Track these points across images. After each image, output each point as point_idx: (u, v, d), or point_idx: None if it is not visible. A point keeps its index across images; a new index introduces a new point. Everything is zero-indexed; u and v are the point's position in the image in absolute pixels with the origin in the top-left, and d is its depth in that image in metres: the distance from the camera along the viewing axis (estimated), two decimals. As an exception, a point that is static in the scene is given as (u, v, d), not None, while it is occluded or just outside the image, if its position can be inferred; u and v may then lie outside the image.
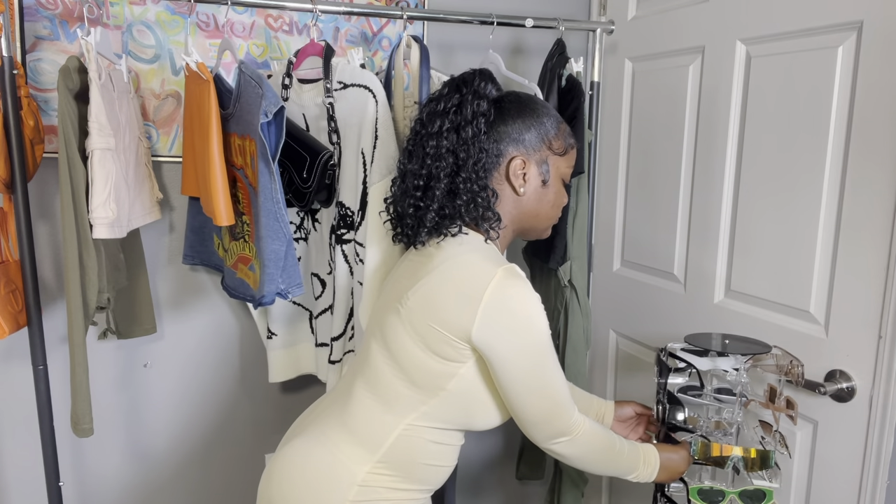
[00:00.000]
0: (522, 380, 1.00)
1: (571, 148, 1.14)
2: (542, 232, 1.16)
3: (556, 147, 1.11)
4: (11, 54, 1.24)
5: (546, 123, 1.11)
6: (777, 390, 1.19)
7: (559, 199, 1.14)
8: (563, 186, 1.14)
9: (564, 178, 1.14)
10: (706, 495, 1.20)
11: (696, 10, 1.55)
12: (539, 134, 1.10)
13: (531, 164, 1.09)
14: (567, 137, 1.13)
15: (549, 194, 1.12)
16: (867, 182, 1.20)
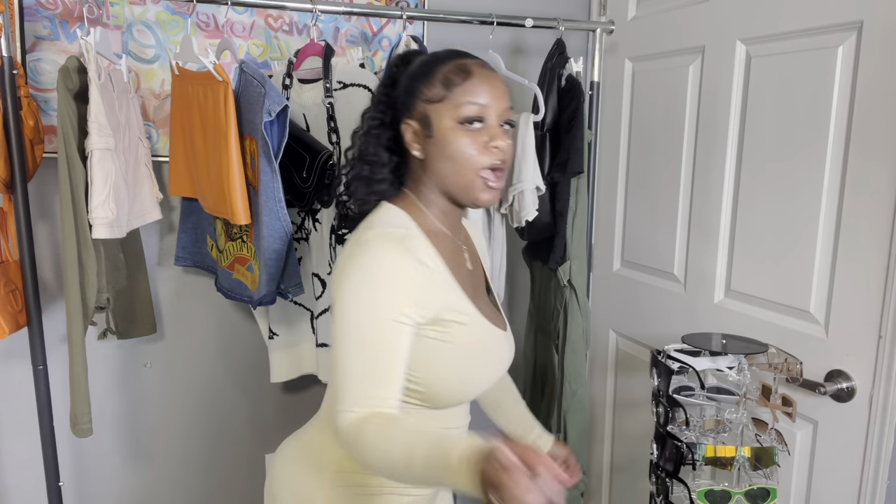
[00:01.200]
0: (335, 331, 0.90)
1: (452, 87, 0.95)
2: (468, 191, 0.96)
3: (429, 95, 0.96)
4: (11, 54, 1.24)
5: (416, 74, 0.99)
6: (771, 388, 1.18)
7: (459, 150, 0.94)
8: (461, 133, 0.94)
9: (456, 122, 0.94)
10: (713, 497, 1.20)
11: (696, 10, 1.55)
12: (410, 89, 0.99)
13: (412, 123, 0.98)
14: (444, 79, 0.96)
15: (444, 149, 0.95)
16: (867, 182, 1.20)
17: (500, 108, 0.96)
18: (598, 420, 1.98)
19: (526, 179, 1.50)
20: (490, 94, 0.95)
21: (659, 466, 1.26)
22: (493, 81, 0.97)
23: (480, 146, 0.94)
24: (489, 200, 0.98)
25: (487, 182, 0.96)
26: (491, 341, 1.02)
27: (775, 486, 1.19)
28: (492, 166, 0.95)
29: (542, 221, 1.59)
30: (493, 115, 0.95)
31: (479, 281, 1.09)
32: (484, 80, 0.96)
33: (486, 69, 0.99)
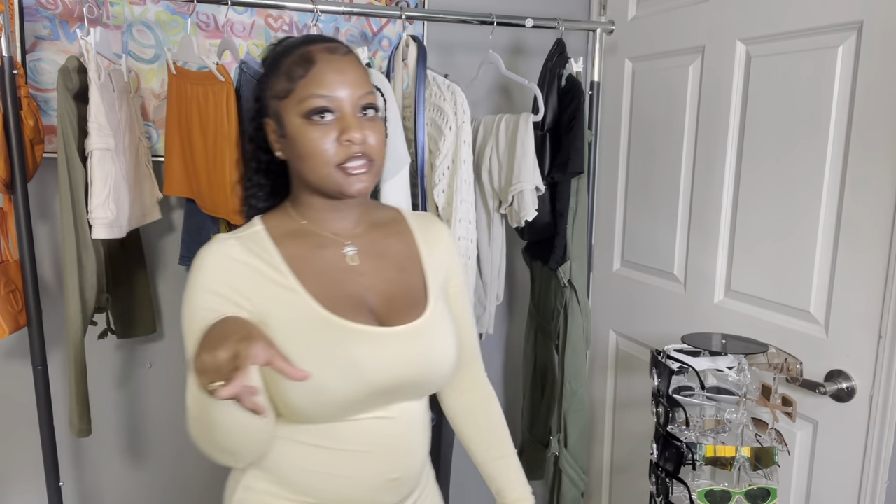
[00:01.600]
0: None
1: (296, 80, 0.88)
2: (332, 186, 0.90)
3: (277, 91, 0.90)
4: (11, 54, 1.24)
5: (267, 70, 0.94)
6: (771, 388, 1.18)
7: (309, 147, 0.88)
8: (309, 128, 0.87)
9: (302, 117, 0.88)
10: (713, 497, 1.20)
11: (696, 10, 1.55)
12: (262, 87, 0.94)
13: (270, 122, 0.93)
14: (287, 72, 0.89)
15: (295, 147, 0.89)
16: (867, 182, 1.20)
17: (355, 95, 0.89)
18: (598, 420, 1.98)
19: (526, 179, 1.50)
20: (338, 81, 0.88)
21: (659, 466, 1.26)
22: (342, 67, 0.89)
23: (332, 140, 0.87)
24: (360, 190, 0.90)
25: (349, 172, 0.88)
26: (343, 342, 0.89)
27: (775, 486, 1.19)
28: (346, 160, 0.88)
29: (543, 221, 1.59)
30: (346, 104, 0.88)
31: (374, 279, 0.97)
32: (329, 67, 0.88)
33: (334, 54, 0.90)
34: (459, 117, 1.38)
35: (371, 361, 0.90)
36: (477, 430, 1.17)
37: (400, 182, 1.31)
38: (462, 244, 1.41)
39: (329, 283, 0.93)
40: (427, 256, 1.04)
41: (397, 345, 0.93)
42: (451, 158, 1.40)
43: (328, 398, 0.88)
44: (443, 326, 1.00)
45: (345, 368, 0.89)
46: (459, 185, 1.39)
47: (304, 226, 0.97)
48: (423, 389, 0.99)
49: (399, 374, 0.93)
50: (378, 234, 1.02)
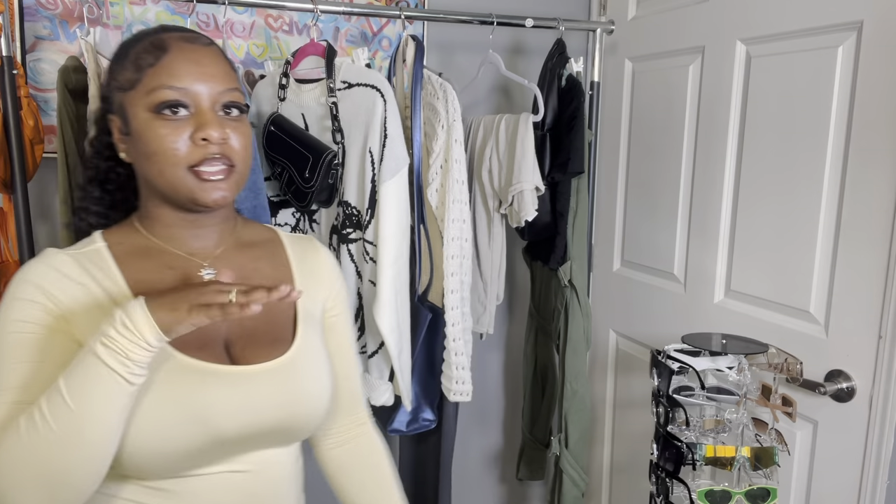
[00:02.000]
0: None
1: (144, 69, 0.77)
2: (182, 193, 0.78)
3: (121, 81, 0.79)
4: (11, 54, 1.24)
5: (113, 60, 0.82)
6: (771, 388, 1.18)
7: (155, 145, 0.76)
8: (158, 124, 0.76)
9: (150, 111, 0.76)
10: (713, 497, 1.19)
11: (696, 10, 1.55)
12: (108, 76, 0.82)
13: (115, 119, 0.82)
14: (135, 60, 0.78)
15: (141, 146, 0.77)
16: (867, 182, 1.20)
17: (214, 90, 0.78)
18: (598, 420, 1.98)
19: (526, 179, 1.50)
20: (195, 73, 0.77)
21: (659, 466, 1.26)
22: (200, 57, 0.78)
23: (185, 139, 0.76)
24: (217, 200, 0.78)
25: (203, 177, 0.76)
26: (188, 385, 0.76)
27: (775, 486, 1.19)
28: (199, 162, 0.76)
29: (543, 221, 1.59)
30: (203, 99, 0.77)
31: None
32: (185, 57, 0.77)
33: (191, 43, 0.79)
34: (451, 115, 1.37)
35: (220, 407, 0.77)
36: (360, 488, 1.00)
37: (399, 183, 1.31)
38: (455, 244, 1.40)
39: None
40: (302, 283, 0.92)
41: (254, 387, 0.80)
42: (443, 158, 1.40)
43: (169, 449, 0.75)
44: (314, 364, 0.87)
45: (189, 415, 0.75)
46: (451, 185, 1.39)
47: (154, 244, 0.84)
48: (288, 437, 0.86)
49: (255, 422, 0.80)
50: (245, 256, 0.89)
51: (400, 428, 1.49)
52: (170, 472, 0.77)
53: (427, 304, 1.42)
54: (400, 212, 1.32)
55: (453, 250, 1.40)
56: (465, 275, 1.44)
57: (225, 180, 0.78)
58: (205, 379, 0.78)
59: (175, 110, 0.76)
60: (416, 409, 1.51)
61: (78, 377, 0.68)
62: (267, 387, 0.82)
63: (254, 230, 0.94)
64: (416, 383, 1.49)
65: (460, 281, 1.42)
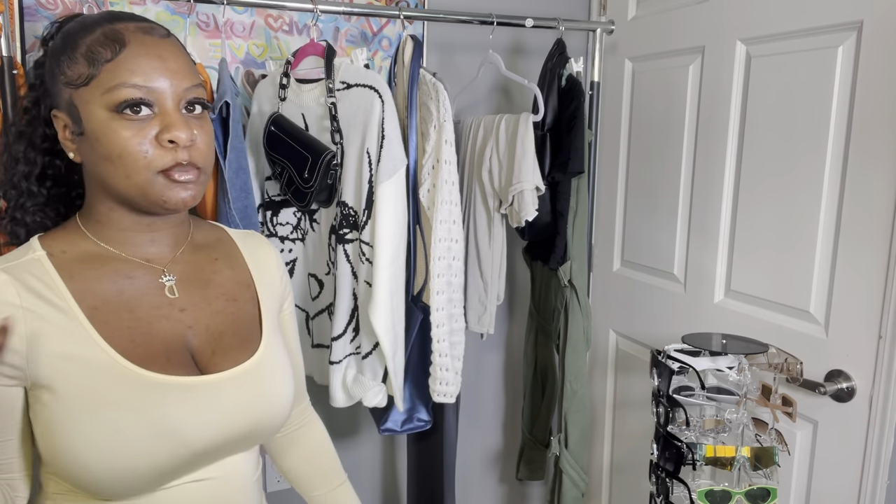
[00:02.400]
0: None
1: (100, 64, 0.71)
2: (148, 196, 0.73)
3: (71, 76, 0.72)
4: (11, 54, 1.24)
5: (57, 47, 0.74)
6: (771, 388, 1.18)
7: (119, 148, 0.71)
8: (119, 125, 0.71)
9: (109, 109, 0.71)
10: (713, 497, 1.19)
11: (696, 10, 1.55)
12: (52, 68, 0.75)
13: (61, 116, 0.75)
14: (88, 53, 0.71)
15: (99, 148, 0.72)
16: (867, 182, 1.20)
17: (178, 87, 0.73)
18: (598, 420, 1.98)
19: (526, 179, 1.50)
20: (157, 69, 0.71)
21: (659, 466, 1.26)
22: (161, 52, 0.73)
23: (150, 140, 0.71)
24: (186, 201, 0.74)
25: (172, 178, 0.72)
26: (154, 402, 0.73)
27: (775, 486, 1.19)
28: (170, 168, 0.72)
29: (543, 221, 1.59)
30: (166, 98, 0.72)
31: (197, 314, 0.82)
32: (145, 51, 0.71)
33: (149, 35, 0.73)
34: (442, 116, 1.37)
35: (190, 421, 0.74)
36: (309, 468, 1.06)
37: (396, 184, 1.31)
38: (443, 245, 1.39)
39: (137, 325, 0.76)
40: (259, 281, 0.90)
41: (223, 395, 0.78)
42: (434, 158, 1.40)
43: (141, 468, 0.72)
44: (280, 363, 0.86)
45: (159, 432, 0.72)
46: (441, 186, 1.38)
47: (105, 251, 0.78)
48: (255, 441, 0.85)
49: (225, 431, 0.78)
50: (202, 257, 0.86)
51: (394, 427, 1.49)
52: (140, 489, 0.75)
53: (420, 305, 1.42)
54: (397, 213, 1.32)
55: (440, 251, 1.39)
56: (453, 276, 1.42)
57: (195, 182, 0.75)
58: (172, 394, 0.74)
59: (137, 109, 0.71)
60: (411, 408, 1.51)
61: None
62: (236, 393, 0.79)
63: (205, 230, 0.91)
64: (410, 383, 1.49)
65: (447, 282, 1.41)
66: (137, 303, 0.77)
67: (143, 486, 0.74)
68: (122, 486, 0.73)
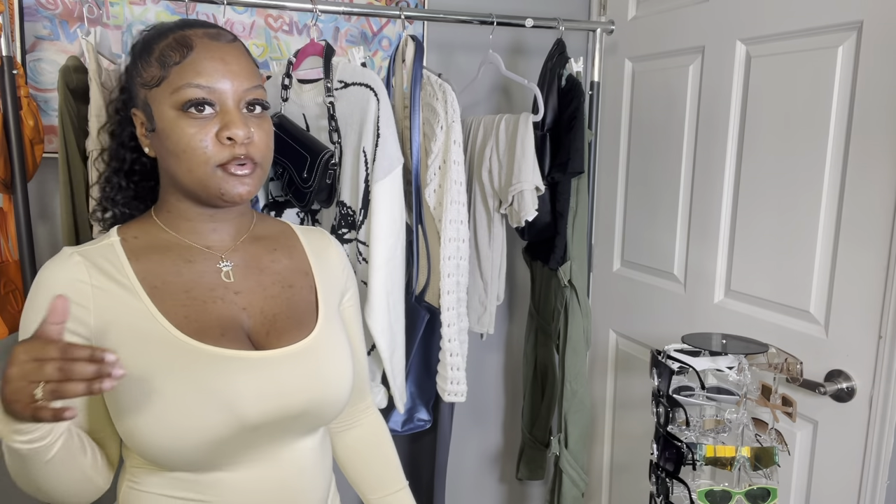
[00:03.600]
0: None
1: (169, 66, 0.77)
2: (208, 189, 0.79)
3: (146, 78, 0.79)
4: (11, 54, 1.24)
5: (136, 52, 0.82)
6: (771, 388, 1.18)
7: (183, 144, 0.77)
8: (184, 123, 0.77)
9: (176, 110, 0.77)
10: (713, 497, 1.19)
11: (696, 10, 1.55)
12: (131, 71, 0.83)
13: (139, 114, 0.83)
14: (160, 57, 0.78)
15: (167, 143, 0.78)
16: (867, 182, 1.20)
17: (239, 87, 0.79)
18: (598, 420, 1.98)
19: (525, 180, 1.50)
20: (219, 71, 0.78)
21: (659, 466, 1.26)
22: (224, 55, 0.79)
23: (212, 137, 0.77)
24: (242, 195, 0.79)
25: (230, 171, 0.78)
26: (209, 372, 0.77)
27: (775, 486, 1.19)
28: (228, 162, 0.78)
29: (543, 221, 1.59)
30: (227, 98, 0.78)
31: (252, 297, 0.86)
32: (210, 55, 0.78)
33: (215, 40, 0.80)
34: (450, 116, 1.37)
35: (245, 393, 0.78)
36: (369, 469, 1.07)
37: (392, 183, 1.31)
38: (452, 245, 1.40)
39: (194, 304, 0.81)
40: (319, 271, 0.95)
41: (278, 371, 0.81)
42: (441, 159, 1.40)
43: (197, 439, 0.75)
44: (337, 346, 0.89)
45: (214, 403, 0.76)
46: (450, 186, 1.39)
47: (172, 238, 0.85)
48: (313, 422, 0.86)
49: (281, 407, 0.80)
50: (261, 247, 0.91)
51: (395, 428, 1.49)
52: (199, 462, 0.78)
53: (424, 305, 1.42)
54: (393, 212, 1.31)
55: (450, 251, 1.40)
56: (461, 276, 1.44)
57: (250, 176, 0.80)
58: (228, 366, 0.78)
59: (201, 108, 0.77)
60: (412, 409, 1.51)
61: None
62: (291, 370, 0.82)
63: (268, 224, 0.96)
64: (412, 383, 1.49)
65: (456, 282, 1.42)
66: (194, 284, 0.83)
67: (203, 458, 0.78)
68: (181, 457, 0.77)
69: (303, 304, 0.90)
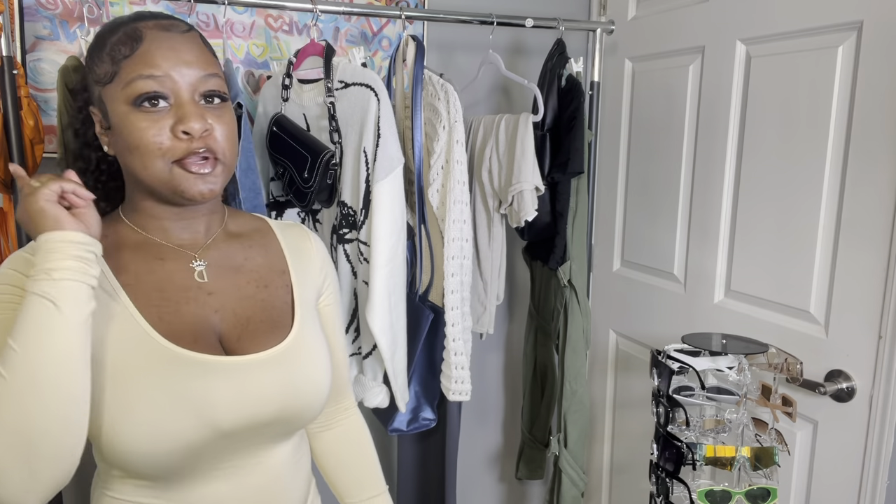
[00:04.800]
0: None
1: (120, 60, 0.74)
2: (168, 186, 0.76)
3: (99, 74, 0.76)
4: (11, 54, 1.24)
5: (90, 48, 0.79)
6: (771, 388, 1.18)
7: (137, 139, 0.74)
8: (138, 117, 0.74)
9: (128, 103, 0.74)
10: (713, 497, 1.19)
11: (696, 10, 1.55)
12: (87, 68, 0.80)
13: (96, 112, 0.80)
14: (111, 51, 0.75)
15: (122, 140, 0.75)
16: (867, 182, 1.20)
17: (194, 77, 0.75)
18: (598, 420, 1.98)
19: (525, 180, 1.50)
20: (170, 60, 0.74)
21: (659, 466, 1.26)
22: (176, 44, 0.75)
23: (165, 131, 0.73)
24: (204, 193, 0.76)
25: (188, 169, 0.74)
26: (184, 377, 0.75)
27: (775, 486, 1.19)
28: (184, 157, 0.74)
29: (543, 222, 1.59)
30: (181, 89, 0.74)
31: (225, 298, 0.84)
32: (160, 44, 0.74)
33: (167, 31, 0.76)
34: (452, 116, 1.37)
35: (218, 399, 0.76)
36: (346, 471, 1.04)
37: (392, 183, 1.31)
38: (456, 245, 1.41)
39: (165, 304, 0.79)
40: (296, 269, 0.91)
41: (252, 377, 0.79)
42: (444, 158, 1.40)
43: (169, 445, 0.73)
44: (313, 350, 0.86)
45: (187, 408, 0.74)
46: (453, 186, 1.39)
47: (141, 236, 0.82)
48: (287, 428, 0.84)
49: (255, 413, 0.78)
50: (235, 245, 0.88)
51: (400, 427, 1.49)
52: (172, 470, 0.76)
53: (428, 304, 1.43)
54: (394, 212, 1.32)
55: (453, 251, 1.41)
56: (465, 275, 1.44)
57: (211, 173, 0.76)
58: (201, 370, 0.76)
59: (154, 102, 0.74)
60: (416, 408, 1.51)
61: (19, 320, 0.66)
62: (266, 376, 0.80)
63: (242, 220, 0.93)
64: (416, 383, 1.50)
65: (460, 281, 1.43)
66: (167, 283, 0.80)
67: (175, 464, 0.75)
68: (154, 464, 0.74)
69: (278, 304, 0.87)
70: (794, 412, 1.16)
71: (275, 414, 0.80)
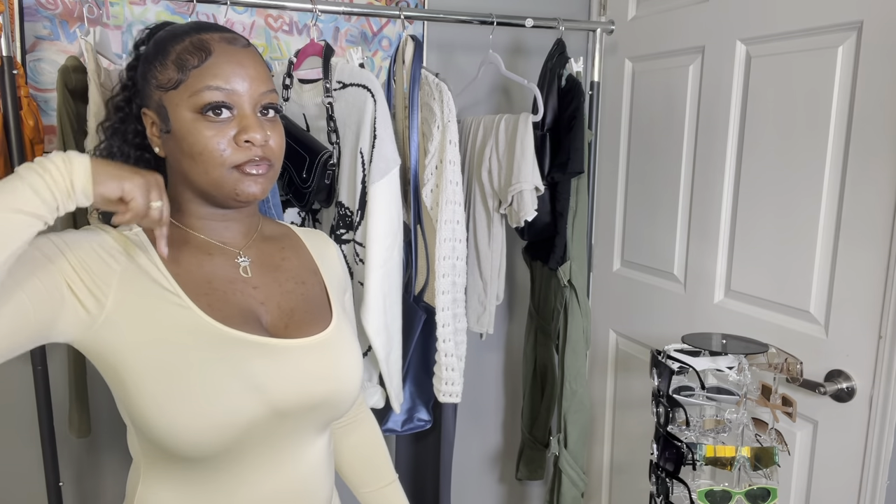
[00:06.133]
0: None
1: (188, 70, 0.79)
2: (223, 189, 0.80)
3: (162, 80, 0.80)
4: (11, 54, 1.24)
5: (150, 53, 0.83)
6: (771, 388, 1.18)
7: (201, 146, 0.78)
8: (202, 125, 0.78)
9: (195, 112, 0.79)
10: (713, 497, 1.19)
11: (696, 10, 1.55)
12: (144, 72, 0.83)
13: (150, 114, 0.83)
14: (178, 59, 0.79)
15: (183, 145, 0.79)
16: (867, 182, 1.20)
17: (255, 91, 0.80)
18: (598, 420, 1.98)
19: (525, 180, 1.50)
20: (238, 75, 0.79)
21: (659, 466, 1.26)
22: (242, 60, 0.81)
23: (229, 140, 0.79)
24: (255, 194, 0.81)
25: (245, 171, 0.79)
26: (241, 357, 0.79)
27: (775, 486, 1.19)
28: (244, 163, 0.79)
29: (542, 222, 1.59)
30: (244, 102, 0.80)
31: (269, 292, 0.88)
32: (229, 59, 0.80)
33: (233, 45, 0.81)
34: (446, 116, 1.37)
35: (273, 376, 0.81)
36: (366, 467, 1.10)
37: (388, 184, 1.31)
38: (447, 245, 1.40)
39: (216, 294, 0.83)
40: (324, 270, 0.98)
41: (300, 359, 0.84)
42: (438, 158, 1.40)
43: (232, 421, 0.77)
44: (349, 340, 0.93)
45: (245, 385, 0.78)
46: (445, 186, 1.38)
47: (187, 233, 0.87)
48: (330, 414, 0.89)
49: (305, 393, 0.83)
50: (272, 246, 0.94)
51: (395, 428, 1.49)
52: (220, 452, 0.79)
53: (422, 305, 1.42)
54: (390, 213, 1.31)
55: (445, 251, 1.40)
56: (457, 276, 1.43)
57: (264, 176, 0.82)
58: (256, 351, 0.81)
59: (219, 112, 0.79)
60: (411, 408, 1.51)
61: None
62: (312, 360, 0.85)
63: (273, 226, 0.99)
64: (411, 383, 1.49)
65: (452, 282, 1.42)
66: (214, 276, 0.85)
67: (226, 446, 0.78)
68: (207, 444, 0.77)
69: (316, 299, 0.93)
70: (794, 412, 1.16)
71: (323, 395, 0.85)
